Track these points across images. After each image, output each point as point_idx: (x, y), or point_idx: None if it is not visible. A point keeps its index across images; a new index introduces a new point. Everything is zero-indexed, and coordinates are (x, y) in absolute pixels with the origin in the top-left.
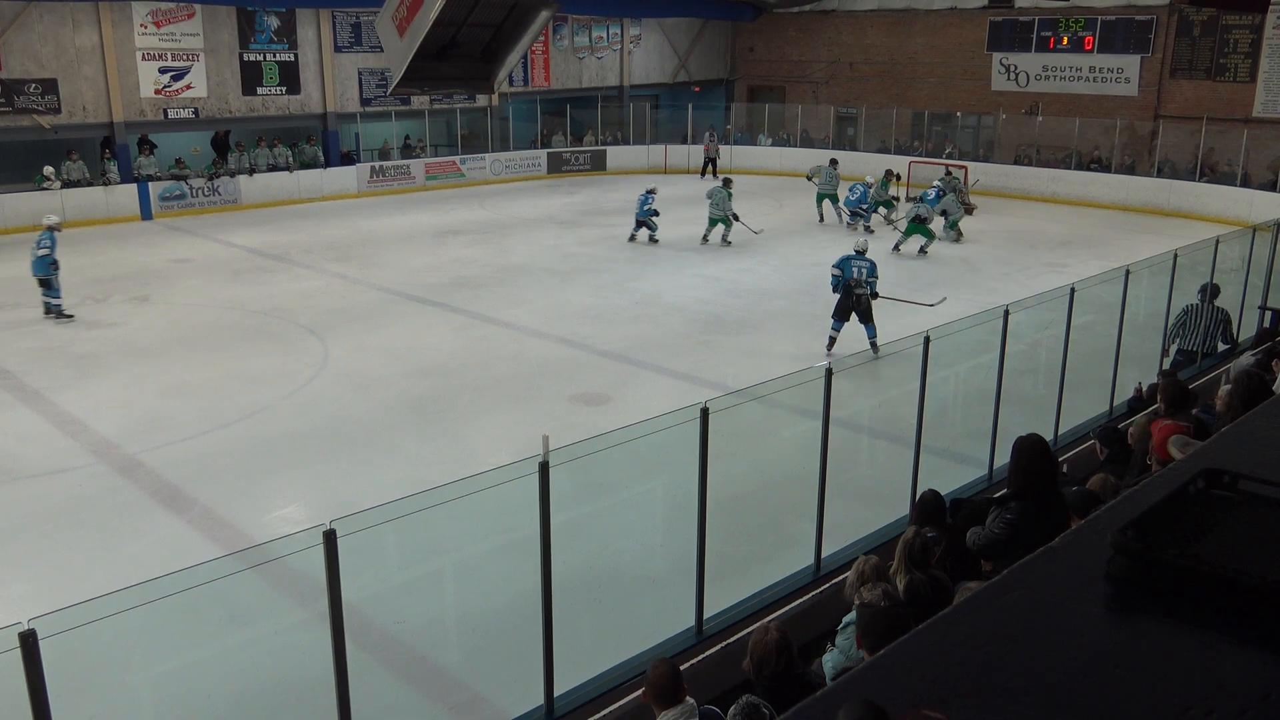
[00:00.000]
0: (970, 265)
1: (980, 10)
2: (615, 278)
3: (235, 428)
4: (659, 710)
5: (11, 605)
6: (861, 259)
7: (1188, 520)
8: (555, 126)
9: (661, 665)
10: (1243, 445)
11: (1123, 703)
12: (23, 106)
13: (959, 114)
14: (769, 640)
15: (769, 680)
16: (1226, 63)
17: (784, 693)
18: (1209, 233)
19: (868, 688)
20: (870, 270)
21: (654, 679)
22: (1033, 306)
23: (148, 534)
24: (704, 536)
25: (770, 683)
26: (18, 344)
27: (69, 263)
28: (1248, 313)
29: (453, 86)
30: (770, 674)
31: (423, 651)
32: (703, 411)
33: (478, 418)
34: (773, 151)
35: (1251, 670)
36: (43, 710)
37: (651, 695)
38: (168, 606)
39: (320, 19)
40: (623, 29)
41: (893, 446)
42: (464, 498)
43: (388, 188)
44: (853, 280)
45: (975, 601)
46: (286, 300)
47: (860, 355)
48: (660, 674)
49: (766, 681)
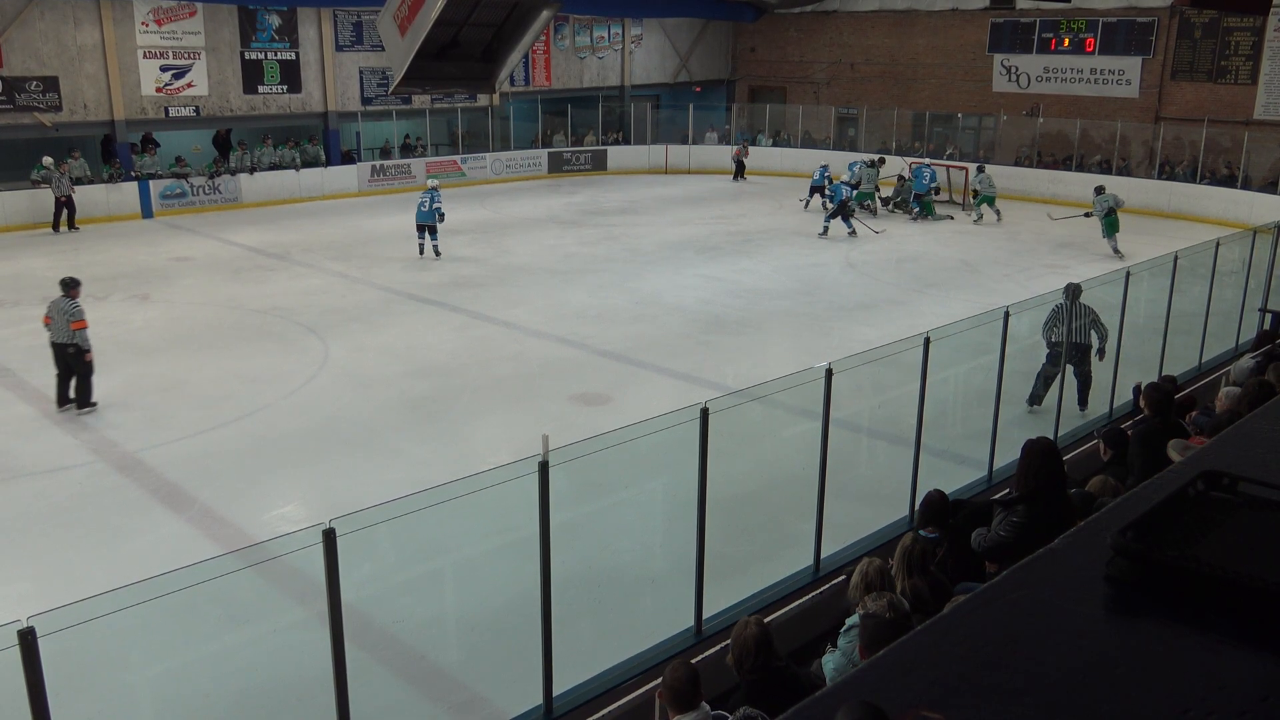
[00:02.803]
0: (970, 266)
1: (981, 11)
2: (615, 278)
3: (235, 426)
4: (674, 714)
5: (11, 603)
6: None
7: (1187, 522)
8: (556, 126)
9: (681, 669)
10: (1242, 447)
11: (1122, 703)
12: (24, 104)
13: (960, 115)
14: (748, 634)
15: (750, 674)
16: (1227, 65)
17: (766, 687)
18: (1209, 235)
19: (867, 688)
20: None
21: (672, 682)
22: (1034, 308)
23: (147, 532)
24: (703, 536)
25: (751, 676)
26: (18, 342)
27: (69, 261)
28: (1248, 315)
29: (454, 86)
30: (750, 667)
31: (422, 651)
32: (703, 411)
33: (478, 418)
34: (773, 152)
35: (1251, 671)
36: (42, 708)
37: (668, 698)
38: (167, 605)
39: (321, 18)
40: (624, 29)
41: (893, 447)
42: (464, 497)
43: (388, 187)
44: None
45: (975, 602)
46: (287, 299)
47: (861, 355)
48: (679, 677)
49: (748, 675)
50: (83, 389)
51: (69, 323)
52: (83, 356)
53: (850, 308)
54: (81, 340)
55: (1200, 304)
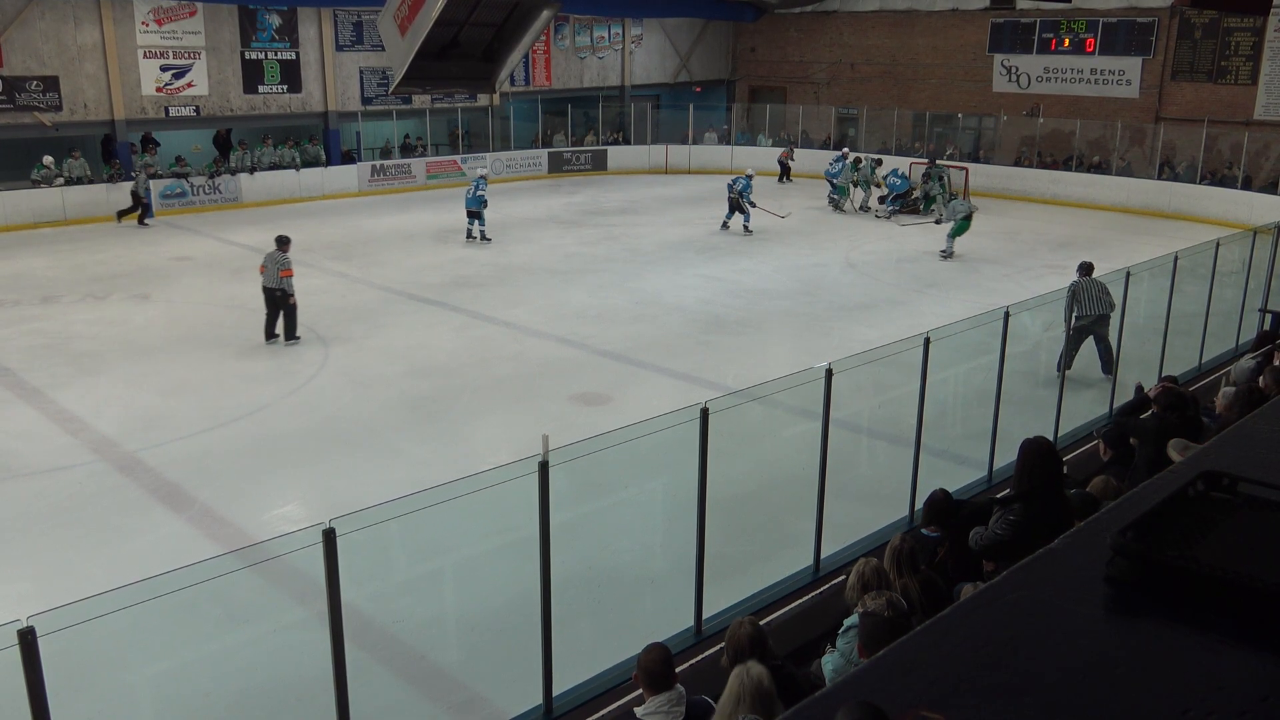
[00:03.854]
0: (970, 266)
1: (982, 12)
2: (615, 278)
3: (235, 426)
4: (649, 695)
5: (11, 603)
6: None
7: (1187, 522)
8: (556, 126)
9: (653, 650)
10: (1242, 448)
11: (1122, 704)
12: (24, 104)
13: (960, 115)
14: (741, 634)
15: None
16: (1228, 65)
17: None
18: (1209, 235)
19: (867, 688)
20: (745, 184)
21: (645, 663)
22: (1034, 307)
23: (147, 532)
24: (703, 536)
25: None
26: (18, 341)
27: (69, 261)
28: (1248, 315)
29: (454, 86)
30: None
31: (422, 651)
32: (703, 411)
33: (478, 418)
34: (774, 152)
35: (1250, 672)
36: (41, 708)
37: (643, 679)
38: (167, 605)
39: (322, 17)
40: (624, 29)
41: (893, 447)
42: (463, 497)
43: (388, 187)
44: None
45: (975, 603)
46: None
47: (861, 356)
48: (652, 658)
49: None
50: (289, 324)
51: (279, 271)
52: (288, 299)
53: (850, 308)
54: (287, 286)
55: (1200, 304)
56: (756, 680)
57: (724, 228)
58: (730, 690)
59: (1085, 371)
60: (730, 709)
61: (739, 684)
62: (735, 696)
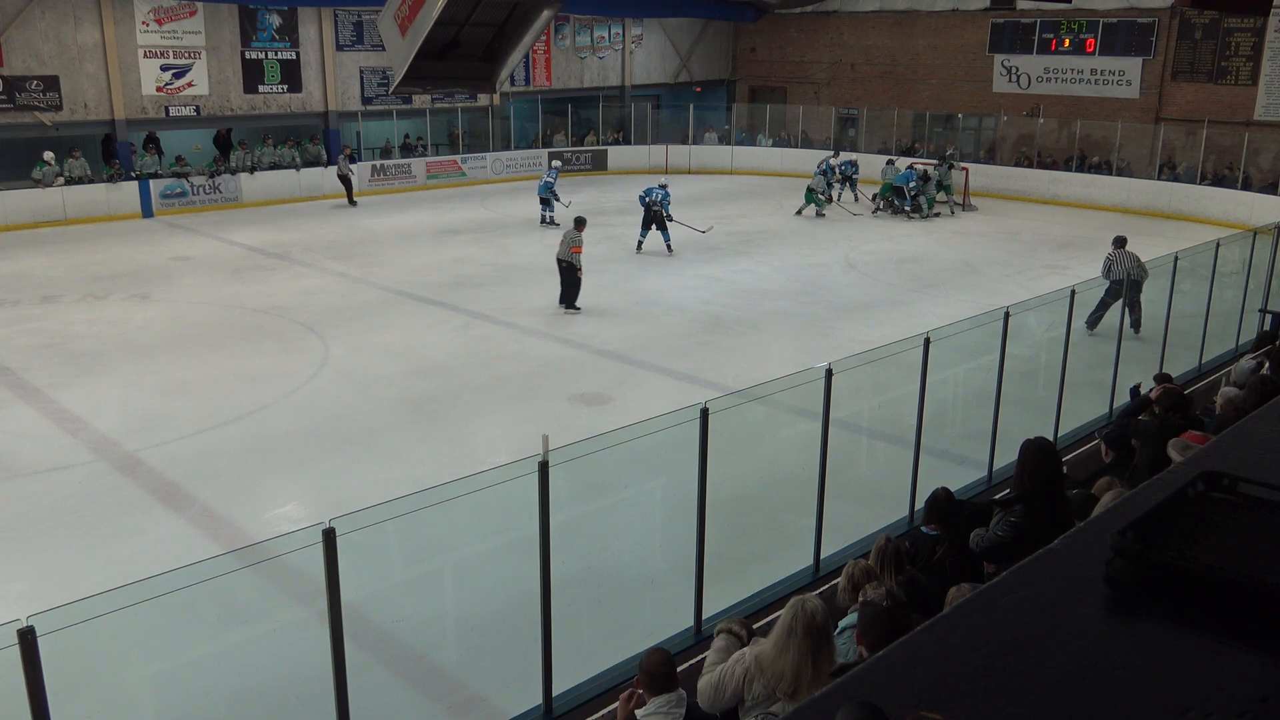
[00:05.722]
0: (970, 267)
1: (982, 12)
2: (615, 278)
3: (235, 426)
4: (650, 697)
5: (10, 602)
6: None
7: (1187, 522)
8: (556, 126)
9: (656, 653)
10: (1242, 448)
11: (1121, 705)
12: (24, 104)
13: (960, 115)
14: (735, 633)
15: None
16: (1228, 65)
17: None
18: (1209, 235)
19: (867, 688)
20: (664, 195)
21: (648, 665)
22: (1034, 308)
23: (147, 532)
24: (703, 536)
25: None
26: (18, 341)
27: (69, 260)
28: (1248, 316)
29: (454, 86)
30: None
31: (421, 650)
32: (703, 412)
33: (478, 418)
34: (774, 152)
35: (1251, 673)
36: (41, 707)
37: (644, 682)
38: (167, 604)
39: (322, 17)
40: (624, 29)
41: (893, 447)
42: (463, 497)
43: (389, 186)
44: (650, 199)
45: (974, 603)
46: (287, 299)
47: (861, 356)
48: (654, 661)
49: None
50: (571, 295)
51: (570, 247)
52: (574, 273)
53: (850, 308)
54: (575, 260)
55: (1200, 304)
56: (810, 613)
57: (639, 249)
58: (784, 620)
59: (1086, 372)
60: (783, 639)
61: (792, 615)
62: (788, 628)
